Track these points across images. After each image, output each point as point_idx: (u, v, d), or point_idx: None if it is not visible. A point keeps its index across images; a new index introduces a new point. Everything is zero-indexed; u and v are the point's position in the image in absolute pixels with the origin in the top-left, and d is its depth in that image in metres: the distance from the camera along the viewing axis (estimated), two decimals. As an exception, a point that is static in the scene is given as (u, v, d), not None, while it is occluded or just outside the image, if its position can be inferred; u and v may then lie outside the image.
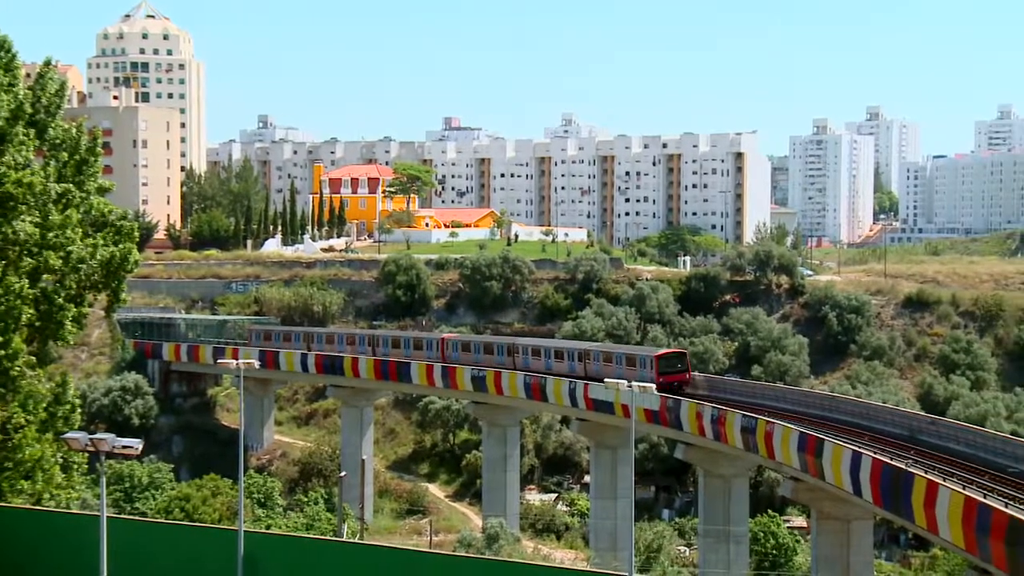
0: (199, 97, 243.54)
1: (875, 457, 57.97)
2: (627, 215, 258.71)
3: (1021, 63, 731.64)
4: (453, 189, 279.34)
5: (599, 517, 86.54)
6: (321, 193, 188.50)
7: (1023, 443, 60.19)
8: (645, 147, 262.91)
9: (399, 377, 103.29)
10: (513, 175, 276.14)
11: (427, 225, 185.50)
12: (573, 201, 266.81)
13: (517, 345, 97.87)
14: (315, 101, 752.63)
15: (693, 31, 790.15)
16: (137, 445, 29.57)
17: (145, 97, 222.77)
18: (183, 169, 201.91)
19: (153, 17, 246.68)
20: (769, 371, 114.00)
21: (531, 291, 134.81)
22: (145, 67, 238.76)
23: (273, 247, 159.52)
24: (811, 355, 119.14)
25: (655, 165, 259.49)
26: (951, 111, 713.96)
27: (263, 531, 61.84)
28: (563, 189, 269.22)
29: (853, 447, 60.32)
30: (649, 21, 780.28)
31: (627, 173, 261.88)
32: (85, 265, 38.88)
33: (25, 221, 37.01)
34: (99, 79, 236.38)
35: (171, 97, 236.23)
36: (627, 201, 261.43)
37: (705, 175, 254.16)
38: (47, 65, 40.22)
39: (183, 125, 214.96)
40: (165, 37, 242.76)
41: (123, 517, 46.86)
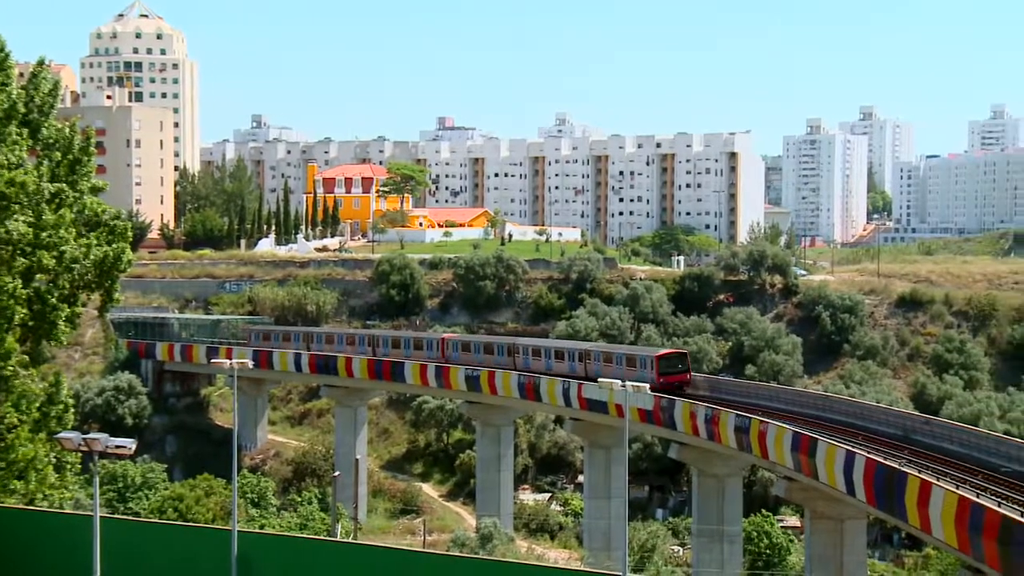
0: (193, 97, 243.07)
1: (869, 457, 58.04)
2: (621, 215, 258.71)
3: (1014, 63, 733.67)
4: (447, 189, 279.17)
5: (593, 517, 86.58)
6: (315, 193, 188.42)
7: (1016, 443, 60.31)
8: (639, 147, 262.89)
9: (393, 377, 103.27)
10: (507, 175, 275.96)
11: (421, 225, 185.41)
12: (567, 201, 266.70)
13: (518, 345, 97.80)
14: (309, 101, 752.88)
15: (687, 31, 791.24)
16: (130, 445, 29.54)
17: (139, 97, 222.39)
18: (177, 169, 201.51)
19: (146, 16, 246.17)
20: (763, 371, 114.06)
21: (525, 291, 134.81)
22: (138, 67, 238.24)
23: (267, 247, 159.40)
24: (805, 355, 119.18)
25: (649, 165, 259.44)
26: (944, 111, 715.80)
27: (257, 531, 61.81)
28: (557, 189, 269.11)
29: (847, 447, 60.39)
30: (643, 21, 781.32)
31: (621, 173, 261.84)
32: (78, 265, 38.84)
33: (18, 221, 36.96)
34: (92, 79, 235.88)
35: (165, 97, 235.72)
36: (621, 201, 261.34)
37: (699, 175, 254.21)
38: (40, 64, 40.19)
39: (176, 125, 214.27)
40: (159, 36, 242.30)
41: (116, 517, 46.79)
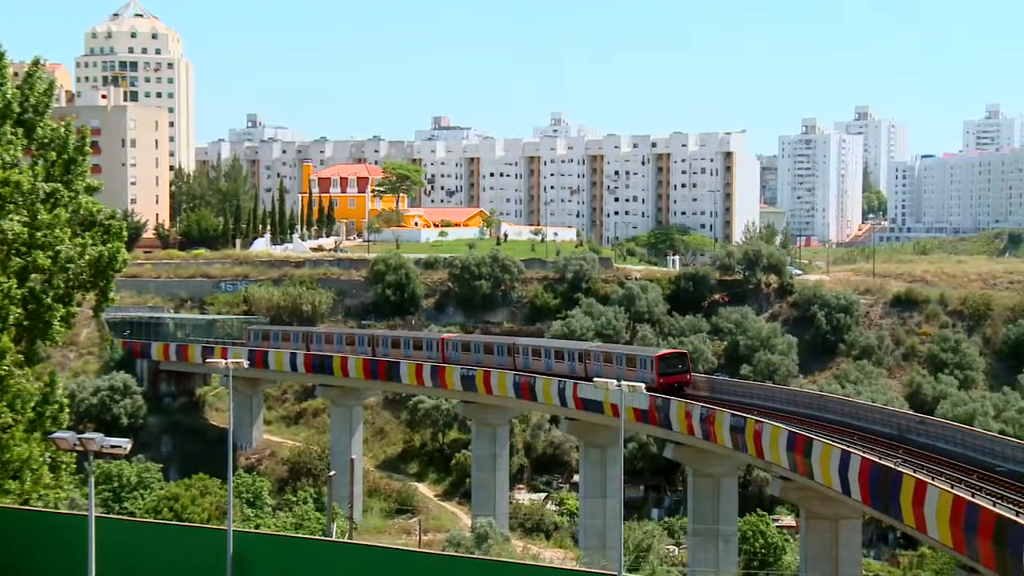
0: (188, 96, 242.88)
1: (864, 456, 58.06)
2: (616, 214, 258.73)
3: (1010, 63, 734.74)
4: (442, 188, 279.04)
5: (588, 516, 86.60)
6: (310, 192, 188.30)
7: (1011, 442, 60.42)
8: (634, 146, 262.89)
9: (388, 376, 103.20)
10: (502, 174, 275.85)
11: (416, 224, 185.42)
12: (562, 200, 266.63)
13: (518, 345, 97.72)
14: (304, 100, 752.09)
15: (682, 31, 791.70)
16: (125, 445, 29.51)
17: (134, 96, 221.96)
18: (172, 168, 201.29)
19: (142, 16, 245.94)
20: (758, 371, 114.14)
21: (520, 290, 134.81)
22: (134, 66, 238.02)
23: (262, 246, 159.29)
24: (800, 354, 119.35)
25: (644, 164, 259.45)
26: (940, 111, 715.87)
27: (252, 531, 61.76)
28: (552, 188, 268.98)
29: (842, 446, 60.41)
30: (639, 21, 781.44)
31: (616, 172, 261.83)
32: (73, 264, 38.80)
33: (13, 220, 36.91)
34: (87, 78, 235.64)
35: (160, 96, 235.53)
36: (616, 200, 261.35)
37: (694, 174, 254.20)
38: (35, 64, 40.14)
39: (172, 124, 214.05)
40: (154, 36, 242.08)
41: (112, 517, 46.74)
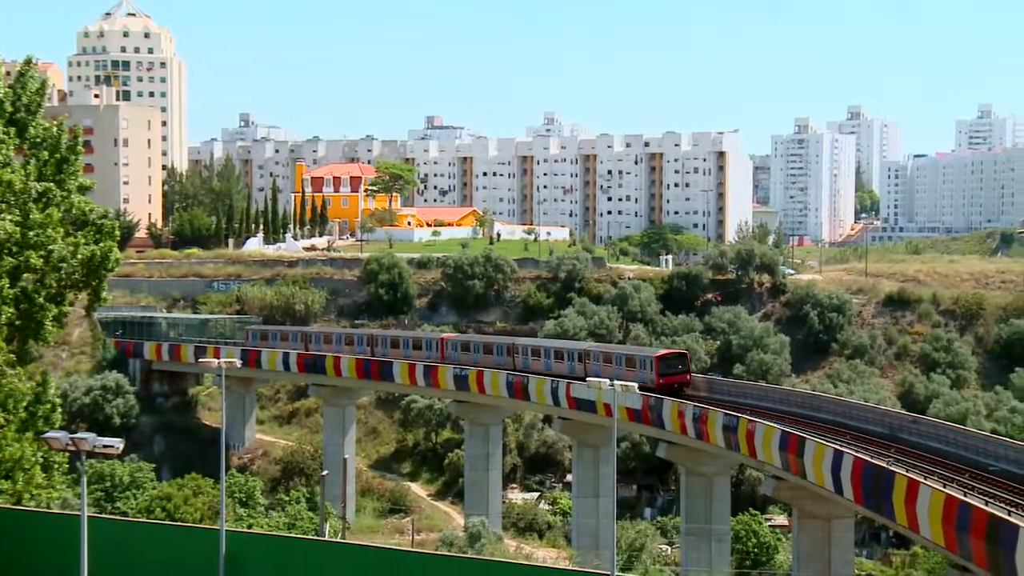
0: (180, 95, 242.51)
1: (856, 455, 58.14)
2: (609, 214, 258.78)
3: (1002, 63, 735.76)
4: (435, 188, 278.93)
5: (581, 516, 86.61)
6: (303, 192, 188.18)
7: (1003, 441, 60.56)
8: (627, 146, 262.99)
9: (381, 376, 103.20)
10: (495, 174, 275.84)
11: (409, 224, 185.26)
12: (555, 200, 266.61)
13: (517, 346, 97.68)
14: (297, 100, 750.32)
15: (675, 30, 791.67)
16: (118, 444, 29.49)
17: (126, 95, 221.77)
18: (164, 168, 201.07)
19: (134, 15, 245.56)
20: (751, 370, 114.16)
21: (513, 290, 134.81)
22: (126, 65, 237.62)
23: (255, 246, 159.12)
24: (792, 354, 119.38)
25: (637, 164, 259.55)
26: (932, 110, 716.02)
27: (245, 530, 61.75)
28: (545, 188, 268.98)
29: (834, 446, 60.47)
30: (632, 20, 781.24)
31: (609, 172, 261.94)
32: (66, 264, 38.79)
33: (5, 220, 36.89)
34: (80, 77, 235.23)
35: (152, 95, 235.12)
36: (609, 200, 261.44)
37: (687, 174, 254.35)
38: (27, 63, 40.09)
39: (164, 123, 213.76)
40: (146, 35, 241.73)
41: (104, 517, 46.71)
